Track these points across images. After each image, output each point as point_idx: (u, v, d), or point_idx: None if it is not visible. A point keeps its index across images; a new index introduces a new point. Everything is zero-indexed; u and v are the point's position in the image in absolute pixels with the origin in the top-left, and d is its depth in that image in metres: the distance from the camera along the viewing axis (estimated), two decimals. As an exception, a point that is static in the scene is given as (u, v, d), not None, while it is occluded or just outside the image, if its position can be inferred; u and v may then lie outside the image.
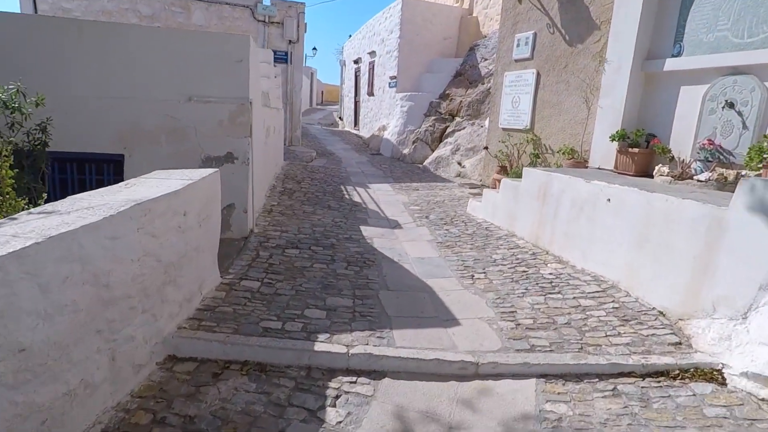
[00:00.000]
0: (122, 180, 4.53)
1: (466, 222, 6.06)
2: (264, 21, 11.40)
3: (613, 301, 3.59)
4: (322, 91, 42.32)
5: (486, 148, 8.23)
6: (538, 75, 7.00)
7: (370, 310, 3.42)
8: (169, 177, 3.15)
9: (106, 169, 4.51)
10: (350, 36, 19.59)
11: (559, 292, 3.79)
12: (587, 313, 3.43)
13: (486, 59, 11.23)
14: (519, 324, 3.28)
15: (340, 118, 21.67)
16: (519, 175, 6.53)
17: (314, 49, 48.30)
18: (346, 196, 7.31)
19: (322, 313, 3.30)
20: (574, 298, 3.68)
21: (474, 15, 13.05)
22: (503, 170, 7.43)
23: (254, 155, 5.04)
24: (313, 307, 3.38)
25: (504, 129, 7.82)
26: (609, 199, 4.04)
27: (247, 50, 4.52)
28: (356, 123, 17.98)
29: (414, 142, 11.64)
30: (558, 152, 6.43)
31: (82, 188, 4.38)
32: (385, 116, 13.91)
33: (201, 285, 3.33)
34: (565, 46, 6.50)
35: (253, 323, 3.05)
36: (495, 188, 7.25)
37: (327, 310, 3.34)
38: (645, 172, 4.95)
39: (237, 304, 3.30)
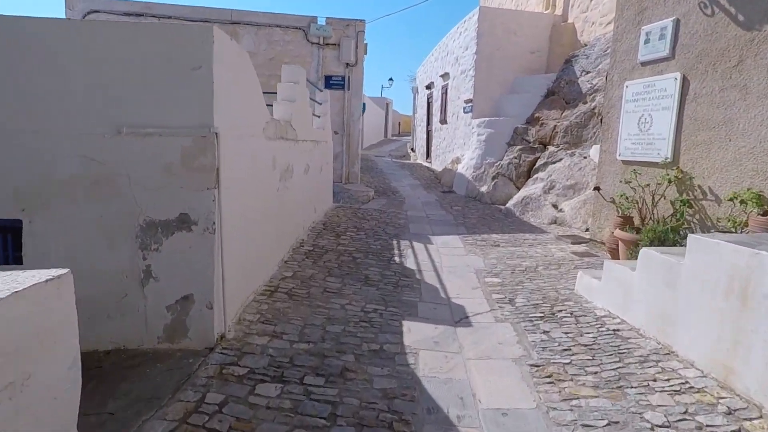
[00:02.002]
0: (21, 256, 2.97)
1: (576, 314, 3.76)
2: (318, 43, 10.03)
3: None
4: (399, 122, 41.51)
5: (597, 188, 5.85)
6: (685, 81, 4.61)
7: None
8: None
9: (1, 241, 2.94)
10: (424, 61, 17.98)
11: None
12: None
13: (588, 72, 8.84)
14: None
15: (411, 149, 19.96)
16: (659, 235, 4.15)
17: (390, 79, 48.13)
18: (396, 259, 5.30)
19: None
20: None
21: (569, 21, 10.73)
22: (627, 223, 5.02)
23: (236, 215, 3.25)
24: None
25: (625, 162, 5.42)
26: None
27: (209, 50, 2.78)
28: (428, 155, 16.09)
29: (494, 178, 9.42)
30: (730, 200, 3.96)
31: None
32: (459, 147, 11.86)
33: None
34: (737, 31, 4.09)
35: None
36: (615, 252, 4.88)
37: None
38: None
39: None
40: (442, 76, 13.82)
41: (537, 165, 8.78)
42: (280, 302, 3.77)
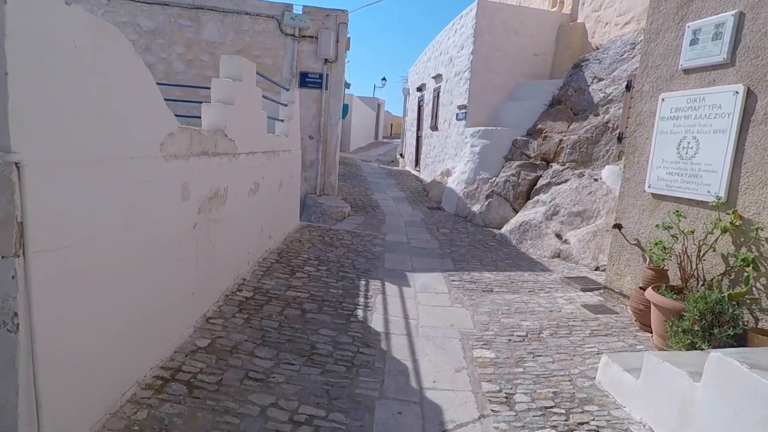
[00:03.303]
0: None
1: (604, 433, 2.57)
2: (294, 35, 8.79)
3: None
4: (391, 124, 40.43)
5: (618, 226, 4.68)
6: (750, 95, 3.45)
7: None
8: None
9: None
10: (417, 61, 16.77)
11: None
12: None
13: (600, 79, 7.69)
14: None
15: (400, 155, 18.77)
16: (711, 307, 3.05)
17: (383, 79, 46.94)
18: (359, 313, 4.09)
19: None
20: None
21: (578, 21, 9.59)
22: (661, 278, 3.88)
23: (78, 291, 2.03)
24: None
25: (656, 196, 4.27)
26: None
27: (-8, 14, 1.56)
28: (417, 162, 14.90)
29: (488, 197, 8.25)
30: (822, 267, 2.79)
31: None
32: (451, 158, 10.68)
33: None
34: (834, 31, 2.93)
35: None
36: (643, 314, 3.77)
37: None
38: None
39: None
40: (434, 77, 12.64)
41: (538, 185, 7.62)
42: (171, 403, 2.54)
